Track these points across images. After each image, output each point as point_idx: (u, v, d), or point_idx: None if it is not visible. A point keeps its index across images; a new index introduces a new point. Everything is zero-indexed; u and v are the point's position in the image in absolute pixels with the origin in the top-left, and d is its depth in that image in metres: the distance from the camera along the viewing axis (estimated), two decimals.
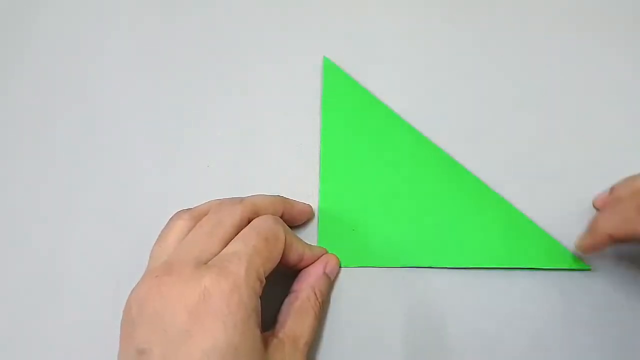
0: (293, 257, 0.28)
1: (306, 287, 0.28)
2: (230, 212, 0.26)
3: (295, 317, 0.27)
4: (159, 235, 0.27)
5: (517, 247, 0.31)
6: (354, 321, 0.30)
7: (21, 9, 0.40)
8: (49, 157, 0.36)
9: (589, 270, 0.30)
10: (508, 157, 0.34)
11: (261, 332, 0.24)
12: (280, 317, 0.27)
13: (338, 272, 0.31)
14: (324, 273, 0.29)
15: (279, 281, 0.28)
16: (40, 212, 0.34)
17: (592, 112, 0.35)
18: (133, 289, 0.24)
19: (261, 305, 0.24)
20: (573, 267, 0.30)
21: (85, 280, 0.33)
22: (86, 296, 0.32)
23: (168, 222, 0.27)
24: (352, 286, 0.31)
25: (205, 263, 0.24)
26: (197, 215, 0.27)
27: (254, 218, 0.27)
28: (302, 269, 0.29)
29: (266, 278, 0.25)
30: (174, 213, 0.28)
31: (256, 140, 0.36)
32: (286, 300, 0.28)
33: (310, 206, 0.32)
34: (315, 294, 0.28)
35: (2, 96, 0.38)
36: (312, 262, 0.29)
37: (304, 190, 0.33)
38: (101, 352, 0.30)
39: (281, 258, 0.27)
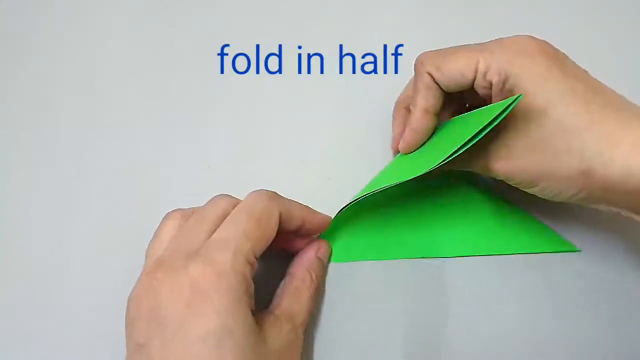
0: (294, 225, 0.28)
1: (302, 269, 0.29)
2: (216, 205, 0.27)
3: (292, 297, 0.28)
4: (153, 235, 0.28)
5: (509, 235, 0.32)
6: (354, 316, 0.31)
7: (21, 9, 0.40)
8: (49, 157, 0.36)
9: (579, 252, 0.32)
10: None
11: (256, 311, 0.25)
12: (277, 297, 0.28)
13: (330, 256, 0.31)
14: (317, 257, 0.30)
15: (275, 265, 0.30)
16: (41, 212, 0.34)
17: None
18: (132, 290, 0.25)
19: (258, 288, 0.25)
20: (564, 249, 0.31)
21: (85, 280, 0.32)
22: (86, 295, 0.32)
23: (160, 222, 0.28)
24: (350, 281, 0.32)
25: (194, 254, 0.24)
26: (188, 214, 0.28)
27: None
28: (304, 234, 0.30)
29: (264, 258, 0.26)
30: (167, 213, 0.28)
31: (256, 141, 0.36)
32: (282, 283, 0.29)
33: (331, 218, 0.31)
34: (310, 275, 0.29)
35: (2, 96, 0.38)
36: (315, 226, 0.29)
37: (304, 190, 0.33)
38: (101, 351, 0.30)
39: (282, 227, 0.27)
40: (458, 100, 0.31)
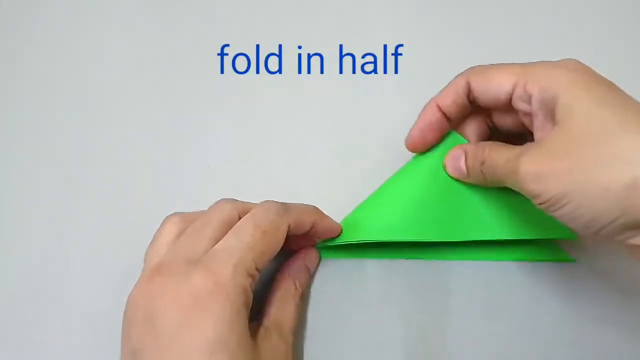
0: (303, 230, 0.28)
1: (287, 278, 0.29)
2: (220, 210, 0.27)
3: (278, 306, 0.28)
4: (152, 239, 0.27)
5: (510, 220, 0.31)
6: (351, 315, 0.31)
7: (21, 9, 0.40)
8: (48, 158, 0.36)
9: (573, 262, 0.32)
10: None
11: (250, 323, 0.25)
12: (265, 307, 0.28)
13: (317, 265, 0.32)
14: (304, 265, 0.30)
15: (264, 273, 0.29)
16: (41, 212, 0.34)
17: None
18: (130, 292, 0.25)
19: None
20: (562, 236, 0.30)
21: (85, 281, 0.33)
22: (86, 296, 0.32)
23: (160, 226, 0.28)
24: (349, 283, 0.32)
25: (195, 261, 0.24)
26: (188, 218, 0.27)
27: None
28: (314, 236, 0.30)
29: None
30: (166, 216, 0.28)
31: (256, 141, 0.36)
32: (270, 291, 0.29)
33: (341, 226, 0.31)
34: (295, 284, 0.29)
35: (2, 96, 0.38)
36: (324, 231, 0.30)
37: (304, 190, 0.34)
38: (101, 352, 0.30)
39: (291, 233, 0.27)
40: (482, 119, 0.31)
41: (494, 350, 0.31)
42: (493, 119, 0.30)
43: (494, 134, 0.32)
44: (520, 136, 0.30)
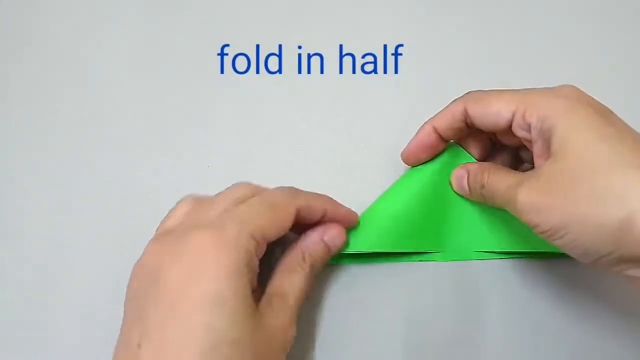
0: (315, 217, 0.28)
1: (296, 247, 0.29)
2: (236, 189, 0.28)
3: (282, 275, 0.28)
4: (166, 217, 0.28)
5: (509, 232, 0.31)
6: (353, 318, 0.31)
7: (21, 9, 0.40)
8: (48, 157, 0.36)
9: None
10: None
11: (258, 291, 0.25)
12: (272, 276, 0.28)
13: (342, 243, 0.29)
14: (319, 238, 0.29)
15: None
16: (41, 212, 0.34)
17: None
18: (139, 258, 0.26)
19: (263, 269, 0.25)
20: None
21: (85, 280, 0.33)
22: (85, 295, 0.32)
23: (175, 204, 0.28)
24: (350, 285, 0.32)
25: (199, 223, 0.25)
26: (202, 198, 0.28)
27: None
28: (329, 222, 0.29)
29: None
30: (183, 197, 0.29)
31: (256, 141, 0.36)
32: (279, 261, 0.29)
33: (356, 214, 0.30)
34: (303, 254, 0.28)
35: (2, 96, 0.38)
36: (338, 218, 0.29)
37: (304, 189, 0.34)
38: (100, 350, 0.30)
39: (304, 220, 0.28)
40: (486, 134, 0.31)
41: (496, 351, 0.31)
42: (497, 136, 0.31)
43: (497, 149, 0.32)
44: (524, 149, 0.30)
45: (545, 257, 0.32)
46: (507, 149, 0.31)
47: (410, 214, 0.31)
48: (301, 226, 0.29)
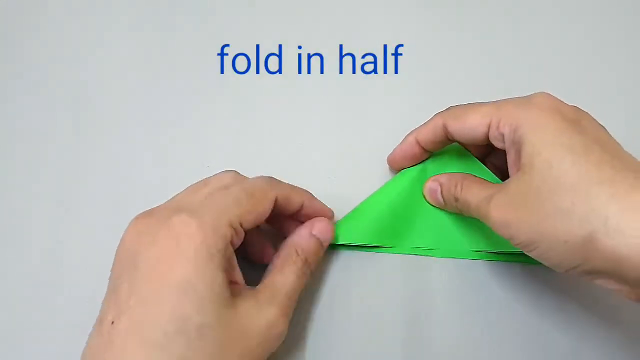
0: (292, 208, 0.29)
1: (288, 245, 0.29)
2: (221, 176, 0.28)
3: (275, 271, 0.28)
4: None
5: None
6: (349, 311, 0.31)
7: (21, 9, 0.40)
8: (48, 158, 0.36)
9: None
10: None
11: (242, 287, 0.26)
12: (264, 273, 0.28)
13: (331, 235, 0.30)
14: (309, 233, 0.29)
15: None
16: (41, 211, 0.34)
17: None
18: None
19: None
20: None
21: (84, 280, 0.33)
22: (85, 294, 0.32)
23: None
24: (346, 277, 0.32)
25: (181, 207, 0.25)
26: (195, 184, 0.29)
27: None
28: (305, 218, 0.30)
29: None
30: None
31: (256, 140, 0.36)
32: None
33: (331, 210, 0.31)
34: (296, 251, 0.28)
35: (1, 96, 0.38)
36: (313, 212, 0.30)
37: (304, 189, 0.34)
38: None
39: (281, 210, 0.28)
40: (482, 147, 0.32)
41: (488, 347, 0.31)
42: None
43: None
44: None
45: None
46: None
47: (401, 209, 0.32)
48: (279, 218, 0.29)
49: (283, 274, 0.27)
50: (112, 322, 0.23)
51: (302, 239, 0.29)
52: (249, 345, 0.24)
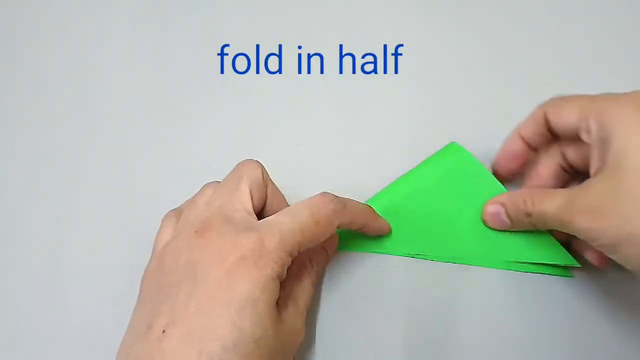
0: (353, 228, 0.29)
1: (302, 256, 0.29)
2: (251, 168, 0.28)
3: (293, 282, 0.28)
4: (189, 201, 0.29)
5: (511, 241, 0.31)
6: (352, 313, 0.31)
7: (21, 9, 0.40)
8: (48, 158, 0.36)
9: (572, 278, 0.32)
10: None
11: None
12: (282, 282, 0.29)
13: (335, 248, 0.31)
14: (321, 247, 0.30)
15: None
16: (41, 211, 0.34)
17: None
18: (167, 243, 0.27)
19: None
20: (562, 263, 0.31)
21: (85, 281, 0.33)
22: (87, 296, 0.32)
23: (199, 190, 0.29)
24: (349, 279, 0.32)
25: (233, 218, 0.26)
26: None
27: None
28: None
29: None
30: (204, 184, 0.29)
31: (256, 140, 0.36)
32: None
33: (389, 226, 0.32)
34: (310, 261, 0.30)
35: (1, 96, 0.38)
36: (374, 229, 0.31)
37: (304, 190, 0.33)
38: (101, 351, 0.30)
39: (339, 227, 0.28)
40: (556, 160, 0.31)
41: (495, 351, 0.31)
42: (567, 156, 0.30)
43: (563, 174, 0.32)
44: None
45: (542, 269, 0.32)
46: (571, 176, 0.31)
47: (404, 215, 0.32)
48: None
49: (299, 286, 0.28)
50: (164, 331, 0.23)
51: (315, 251, 0.30)
52: (287, 353, 0.26)
